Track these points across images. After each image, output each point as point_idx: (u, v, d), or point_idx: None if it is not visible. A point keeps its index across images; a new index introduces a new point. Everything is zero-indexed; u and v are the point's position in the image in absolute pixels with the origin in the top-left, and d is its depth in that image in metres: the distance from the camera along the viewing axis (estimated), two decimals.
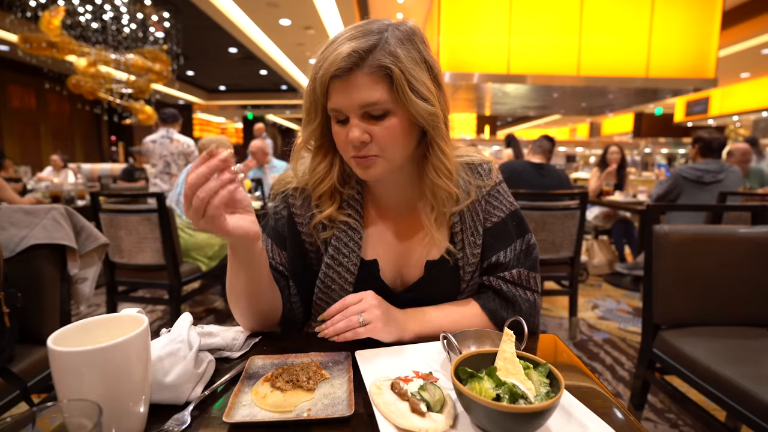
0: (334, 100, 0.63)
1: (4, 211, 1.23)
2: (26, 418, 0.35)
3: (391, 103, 0.62)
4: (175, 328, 0.61)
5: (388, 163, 0.66)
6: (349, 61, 0.59)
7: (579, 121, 15.79)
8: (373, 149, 0.64)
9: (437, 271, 0.75)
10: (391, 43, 0.61)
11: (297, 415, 0.50)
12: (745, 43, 6.55)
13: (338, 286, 0.74)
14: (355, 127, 0.63)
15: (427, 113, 0.63)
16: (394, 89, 0.61)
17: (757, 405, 1.00)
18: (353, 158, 0.66)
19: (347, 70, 0.60)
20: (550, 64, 4.54)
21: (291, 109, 15.37)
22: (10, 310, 1.05)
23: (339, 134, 0.66)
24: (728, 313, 1.36)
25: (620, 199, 3.69)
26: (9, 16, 6.14)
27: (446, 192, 0.71)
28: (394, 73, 0.60)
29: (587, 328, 2.68)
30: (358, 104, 0.62)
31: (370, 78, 0.61)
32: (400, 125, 0.64)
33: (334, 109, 0.64)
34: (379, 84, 0.61)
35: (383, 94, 0.61)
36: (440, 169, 0.69)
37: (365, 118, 0.63)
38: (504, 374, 0.49)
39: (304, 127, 0.70)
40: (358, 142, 0.63)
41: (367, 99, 0.61)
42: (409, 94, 0.61)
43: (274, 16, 6.40)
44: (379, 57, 0.60)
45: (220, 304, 3.07)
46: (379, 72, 0.60)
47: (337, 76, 0.61)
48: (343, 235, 0.74)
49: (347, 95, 0.61)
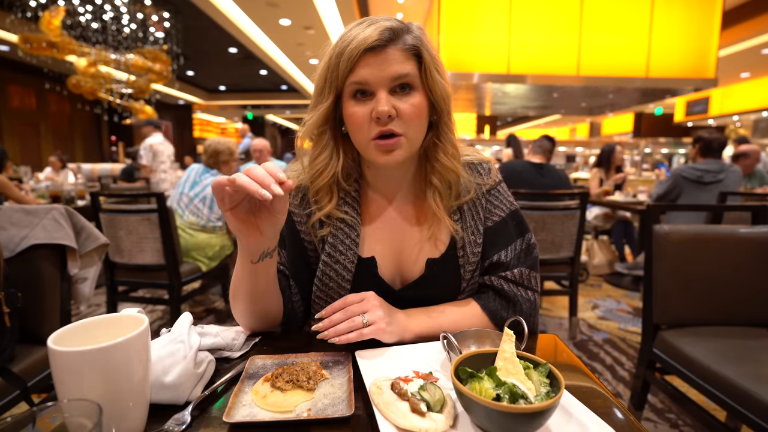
0: (362, 73, 0.65)
1: (5, 211, 1.23)
2: (26, 417, 0.35)
3: (417, 80, 0.67)
4: (175, 328, 0.61)
5: (410, 144, 0.69)
6: (386, 36, 0.64)
7: (579, 121, 15.79)
8: (398, 126, 0.66)
9: (438, 269, 0.75)
10: (415, 30, 0.68)
11: (297, 415, 0.50)
12: (745, 43, 6.55)
13: (336, 284, 0.74)
14: (384, 100, 0.65)
15: (446, 94, 0.70)
16: (422, 69, 0.67)
17: (757, 405, 1.00)
18: (375, 141, 0.67)
19: (383, 44, 0.64)
20: (550, 64, 4.54)
21: (291, 109, 15.37)
22: (10, 310, 1.05)
23: (357, 113, 0.67)
24: (728, 313, 1.36)
25: (620, 199, 3.69)
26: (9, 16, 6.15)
27: (455, 175, 0.74)
28: (423, 54, 0.67)
29: (587, 328, 2.68)
30: (390, 76, 0.65)
31: (403, 54, 0.66)
32: (422, 104, 0.68)
33: (360, 82, 0.65)
34: (409, 61, 0.66)
35: (413, 70, 0.66)
36: (450, 151, 0.73)
37: (393, 93, 0.66)
38: (504, 374, 0.49)
39: (312, 109, 0.71)
40: (386, 116, 0.65)
41: (400, 71, 0.65)
42: (435, 75, 0.68)
43: (274, 16, 6.40)
44: (411, 38, 0.67)
45: (220, 304, 3.07)
46: (410, 50, 0.66)
47: (372, 48, 0.64)
48: (340, 232, 0.74)
49: (380, 68, 0.65)
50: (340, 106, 0.69)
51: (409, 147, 0.69)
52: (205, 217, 2.44)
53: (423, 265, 0.76)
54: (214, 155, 2.59)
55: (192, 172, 2.57)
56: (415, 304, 0.75)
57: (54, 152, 6.43)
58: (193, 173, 2.56)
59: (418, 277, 0.76)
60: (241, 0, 5.90)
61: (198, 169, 2.57)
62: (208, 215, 2.45)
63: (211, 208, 2.46)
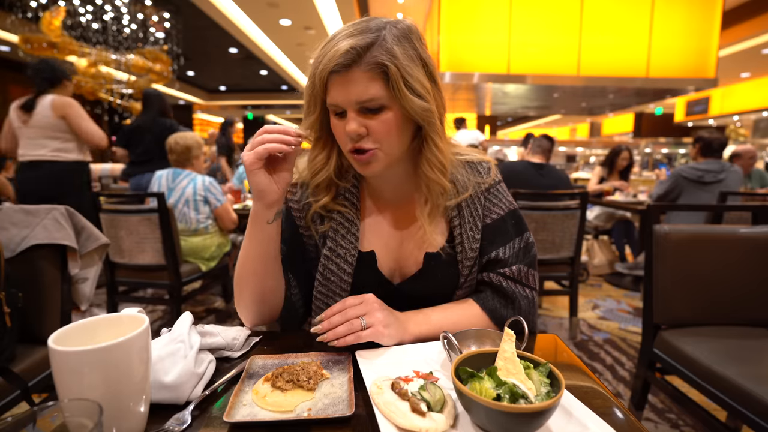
0: (332, 95, 0.65)
1: (5, 211, 1.24)
2: (27, 417, 0.35)
3: (386, 98, 0.64)
4: (176, 327, 0.61)
5: (386, 156, 0.68)
6: (347, 58, 0.61)
7: (579, 121, 15.79)
8: (369, 142, 0.66)
9: (436, 264, 0.76)
10: (388, 41, 0.63)
11: (297, 415, 0.50)
12: (745, 43, 6.55)
13: (337, 278, 0.75)
14: (352, 120, 0.65)
15: (421, 109, 0.65)
16: (390, 86, 0.63)
17: (758, 405, 0.99)
18: (352, 154, 0.68)
19: (345, 66, 0.62)
20: (550, 64, 4.54)
21: (291, 109, 15.37)
22: (11, 310, 1.05)
23: (337, 127, 0.68)
24: (729, 313, 1.36)
25: (620, 199, 3.69)
26: (10, 16, 6.15)
27: (440, 186, 0.72)
28: (390, 70, 0.62)
29: (587, 328, 2.68)
30: (354, 99, 0.63)
31: (367, 74, 0.62)
32: (395, 119, 0.65)
33: (332, 104, 0.66)
34: (375, 80, 0.63)
35: (379, 90, 0.63)
36: (434, 163, 0.70)
37: (362, 112, 0.65)
38: (504, 374, 0.50)
39: (304, 119, 0.73)
40: (355, 135, 0.65)
41: (364, 95, 0.63)
42: (404, 91, 0.63)
43: (274, 16, 6.40)
44: (376, 54, 0.62)
45: (220, 304, 3.07)
46: (375, 69, 0.62)
47: (335, 71, 0.63)
48: (340, 227, 0.76)
49: (344, 90, 0.63)
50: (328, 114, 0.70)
51: (386, 158, 0.68)
52: (193, 221, 2.38)
53: (421, 260, 0.77)
54: (185, 152, 2.45)
55: (161, 180, 2.40)
56: (413, 299, 0.76)
57: None
58: (163, 181, 2.39)
59: (416, 271, 0.77)
60: (241, 0, 5.90)
61: (167, 174, 2.41)
62: (196, 217, 2.39)
63: (197, 209, 2.39)
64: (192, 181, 2.40)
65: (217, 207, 2.43)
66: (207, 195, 2.40)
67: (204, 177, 2.45)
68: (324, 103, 0.68)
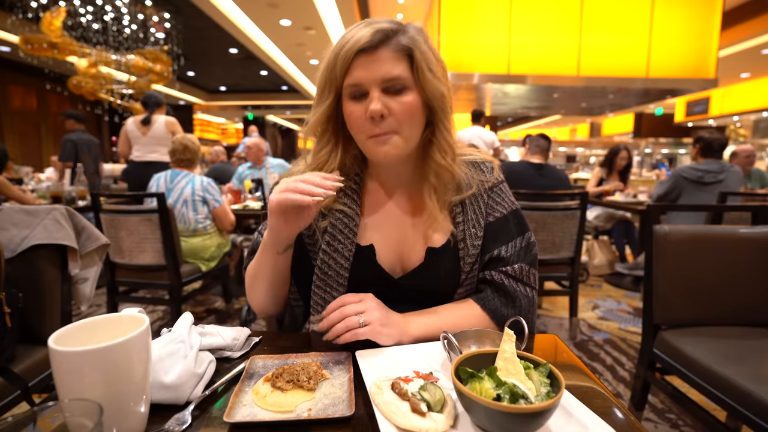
0: (355, 74, 0.67)
1: (6, 212, 1.24)
2: (27, 417, 0.36)
3: (410, 80, 0.68)
4: (176, 328, 0.61)
5: (404, 142, 0.70)
6: (376, 38, 0.66)
7: (579, 122, 15.78)
8: (390, 124, 0.68)
9: (438, 259, 0.77)
10: (410, 31, 0.69)
11: (297, 415, 0.50)
12: (745, 43, 6.55)
13: (335, 272, 0.76)
14: (376, 99, 0.66)
15: (440, 93, 0.69)
16: (414, 69, 0.68)
17: (758, 405, 0.99)
18: (369, 138, 0.69)
19: (373, 46, 0.66)
20: (550, 65, 4.55)
21: (291, 110, 15.37)
22: (11, 311, 1.05)
23: (354, 112, 0.69)
24: (729, 313, 1.36)
25: (620, 199, 3.69)
26: (10, 17, 6.15)
27: (449, 173, 0.74)
28: (415, 54, 0.67)
29: (587, 329, 2.68)
30: (381, 77, 0.66)
31: (394, 55, 0.67)
32: (415, 103, 0.69)
33: (353, 84, 0.68)
34: (401, 61, 0.67)
35: (404, 71, 0.67)
36: (445, 150, 0.73)
37: (385, 93, 0.67)
38: (504, 374, 0.50)
39: (314, 108, 0.74)
40: (378, 115, 0.66)
41: (391, 73, 0.66)
42: (427, 74, 0.68)
43: (274, 16, 6.40)
44: (402, 39, 0.67)
45: (220, 304, 3.07)
46: (402, 51, 0.67)
47: (363, 50, 0.66)
48: (339, 222, 0.76)
49: (371, 69, 0.66)
50: (341, 105, 0.71)
51: (404, 144, 0.70)
52: (192, 221, 2.38)
53: (423, 254, 0.77)
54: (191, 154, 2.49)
55: (159, 181, 2.43)
56: (414, 294, 0.76)
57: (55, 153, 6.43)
58: (161, 182, 2.44)
59: (417, 266, 0.77)
60: (242, 0, 5.90)
61: (165, 176, 2.44)
62: (194, 218, 2.39)
63: (195, 210, 2.39)
64: (190, 181, 2.40)
65: (215, 207, 2.44)
66: (205, 195, 2.40)
67: (202, 177, 2.45)
68: (338, 90, 0.69)
